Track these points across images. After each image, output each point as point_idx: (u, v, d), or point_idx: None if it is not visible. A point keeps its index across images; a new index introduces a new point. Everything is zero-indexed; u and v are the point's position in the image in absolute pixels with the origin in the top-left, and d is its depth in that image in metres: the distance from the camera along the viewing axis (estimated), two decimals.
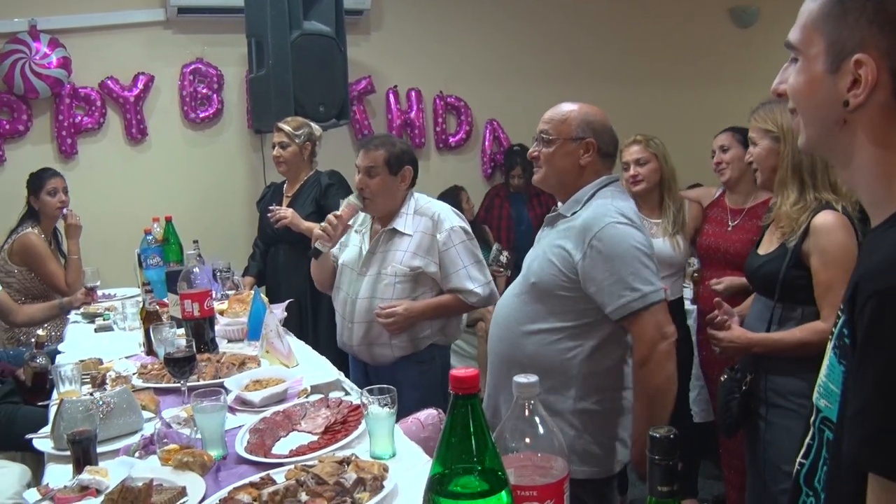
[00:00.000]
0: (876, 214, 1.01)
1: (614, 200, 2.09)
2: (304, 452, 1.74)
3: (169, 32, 4.54)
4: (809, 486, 1.08)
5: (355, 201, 2.73)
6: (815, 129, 1.03)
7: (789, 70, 1.06)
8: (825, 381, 1.04)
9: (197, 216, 4.32)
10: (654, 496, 0.87)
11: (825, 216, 2.07)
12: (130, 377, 2.28)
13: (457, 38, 5.35)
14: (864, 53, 0.94)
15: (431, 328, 2.78)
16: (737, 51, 6.22)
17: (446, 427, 0.93)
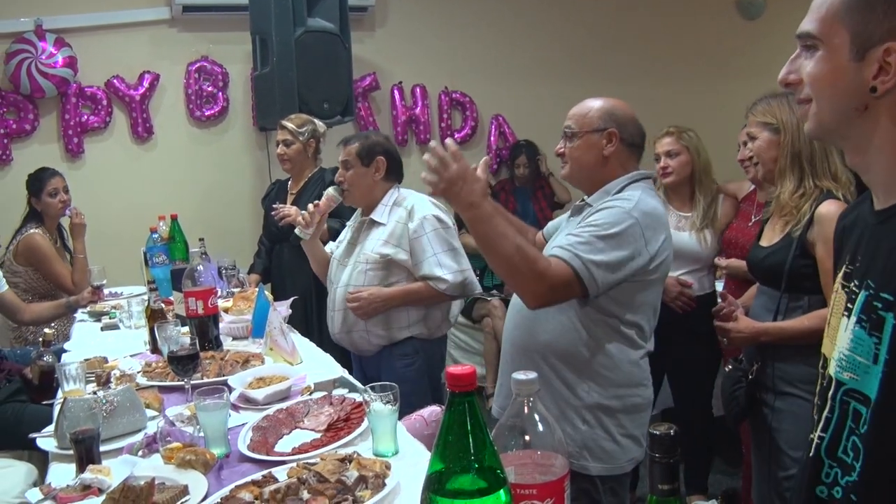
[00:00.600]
0: (888, 194, 1.07)
1: (643, 199, 2.03)
2: (307, 450, 1.74)
3: (174, 31, 4.54)
4: (832, 458, 1.12)
5: (334, 193, 2.90)
6: (832, 115, 1.08)
7: (799, 60, 1.10)
8: (849, 355, 1.08)
9: (202, 214, 4.32)
10: (654, 495, 0.86)
11: (829, 205, 2.07)
12: (135, 375, 2.28)
13: (461, 33, 5.34)
14: (895, 42, 1.00)
15: (409, 319, 2.83)
16: (744, 43, 6.18)
17: (444, 425, 0.92)
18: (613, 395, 2.06)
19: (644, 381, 2.12)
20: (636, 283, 2.01)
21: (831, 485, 1.13)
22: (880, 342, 1.02)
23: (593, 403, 2.06)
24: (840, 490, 1.11)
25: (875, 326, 1.03)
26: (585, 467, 2.05)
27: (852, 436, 1.09)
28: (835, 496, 1.12)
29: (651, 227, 1.99)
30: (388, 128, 5.17)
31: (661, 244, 2.01)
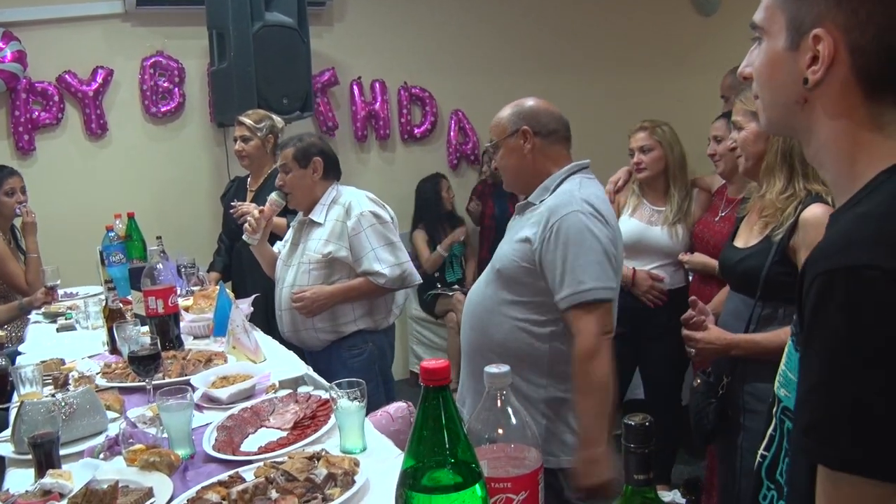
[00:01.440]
0: (838, 195, 0.99)
1: (581, 188, 2.06)
2: (273, 449, 1.72)
3: (127, 25, 4.43)
4: (771, 480, 1.06)
5: (277, 198, 2.95)
6: (775, 109, 1.01)
7: (755, 52, 1.03)
8: (784, 370, 1.03)
9: (160, 212, 4.24)
10: (630, 484, 0.86)
11: (815, 209, 1.91)
12: (94, 377, 2.23)
13: (421, 27, 5.32)
14: (822, 28, 0.91)
15: (354, 314, 2.89)
16: (700, 39, 6.27)
17: (417, 420, 0.92)
18: (570, 388, 2.05)
19: None
20: None
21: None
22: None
23: (551, 397, 2.07)
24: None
25: (798, 340, 0.95)
26: (547, 460, 2.05)
27: (787, 456, 1.02)
28: None
29: (602, 209, 2.05)
30: (348, 123, 5.14)
31: (614, 223, 2.08)
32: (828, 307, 0.82)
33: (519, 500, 1.01)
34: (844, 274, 0.81)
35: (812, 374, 0.84)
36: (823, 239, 0.90)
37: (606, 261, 1.99)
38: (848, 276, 0.81)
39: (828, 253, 0.86)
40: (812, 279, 0.85)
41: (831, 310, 0.81)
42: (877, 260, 0.80)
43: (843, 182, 0.96)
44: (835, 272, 0.82)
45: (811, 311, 0.84)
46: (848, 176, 0.95)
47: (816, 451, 0.83)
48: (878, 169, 0.91)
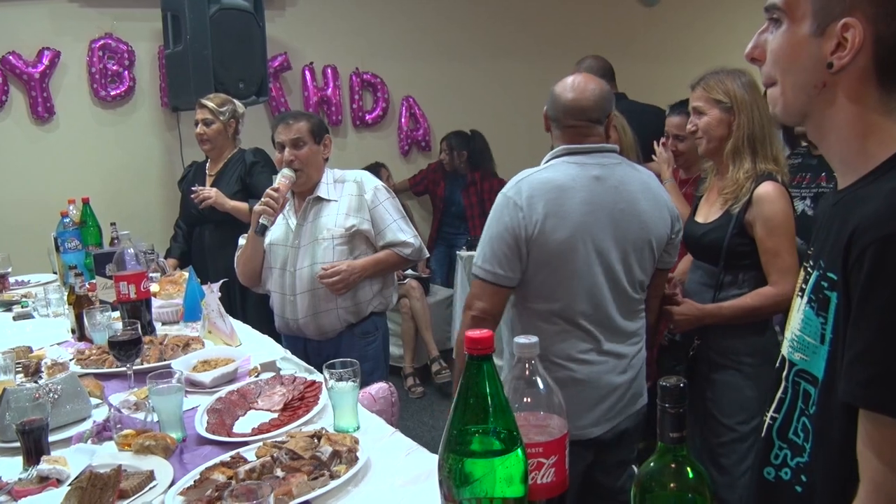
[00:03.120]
0: (846, 173, 1.06)
1: (543, 170, 2.08)
2: (267, 430, 1.72)
3: (75, 6, 4.29)
4: (783, 440, 1.12)
5: (290, 173, 2.77)
6: (795, 92, 1.06)
7: (765, 35, 1.08)
8: (800, 335, 1.08)
9: (111, 197, 4.14)
10: (665, 442, 0.91)
11: (767, 186, 2.13)
12: (68, 364, 2.18)
13: (373, 14, 5.31)
14: (853, 17, 0.97)
15: (372, 291, 2.86)
16: (643, 28, 6.42)
17: (462, 388, 0.95)
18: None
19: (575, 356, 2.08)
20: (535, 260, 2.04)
21: (779, 466, 1.14)
22: (826, 322, 1.03)
23: None
24: (789, 472, 1.12)
25: (822, 306, 1.03)
26: None
27: (802, 417, 1.09)
28: (783, 478, 1.13)
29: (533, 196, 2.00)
30: (300, 108, 5.09)
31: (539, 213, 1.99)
32: (885, 270, 0.89)
33: (549, 464, 1.05)
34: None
35: (871, 332, 0.91)
36: (863, 212, 0.96)
37: (491, 244, 2.05)
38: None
39: (878, 222, 0.92)
40: (864, 247, 0.92)
41: (888, 272, 0.89)
42: None
43: (853, 160, 1.04)
44: (890, 238, 0.89)
45: (868, 275, 0.91)
46: (859, 155, 1.02)
47: (880, 401, 0.90)
48: (889, 149, 0.99)
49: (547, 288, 2.05)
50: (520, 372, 1.06)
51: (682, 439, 0.92)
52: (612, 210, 2.05)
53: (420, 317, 4.87)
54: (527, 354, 1.06)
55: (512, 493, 0.96)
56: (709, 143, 2.28)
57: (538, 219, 1.99)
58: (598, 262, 2.04)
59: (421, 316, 4.87)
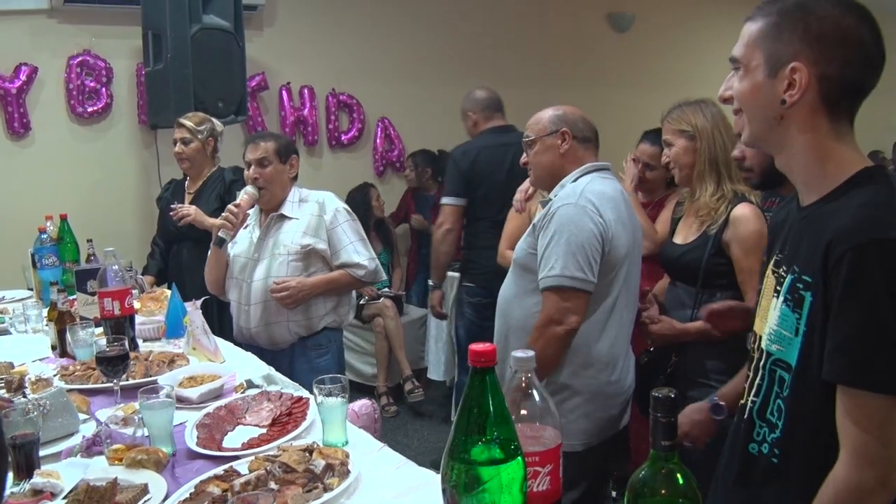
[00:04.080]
0: (809, 192, 1.28)
1: (591, 183, 2.21)
2: (257, 445, 1.75)
3: (54, 22, 4.29)
4: (762, 419, 1.32)
5: (252, 190, 2.91)
6: (757, 124, 1.28)
7: (733, 79, 1.31)
8: (777, 329, 1.28)
9: (88, 214, 4.10)
10: (657, 449, 0.97)
11: (743, 208, 2.22)
12: (52, 379, 2.18)
13: (350, 35, 5.37)
14: (798, 62, 1.21)
15: (325, 307, 2.97)
16: (614, 53, 6.58)
17: (465, 398, 1.00)
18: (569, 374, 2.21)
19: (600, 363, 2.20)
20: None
21: (761, 442, 1.33)
22: (801, 318, 1.22)
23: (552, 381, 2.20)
24: (767, 446, 1.32)
25: (797, 304, 1.23)
26: None
27: (777, 399, 1.29)
28: (763, 452, 1.32)
29: (601, 205, 2.16)
30: (277, 128, 5.13)
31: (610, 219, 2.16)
32: (862, 271, 1.11)
33: (545, 473, 1.10)
34: (874, 245, 1.11)
35: (850, 325, 1.12)
36: (838, 223, 1.16)
37: (581, 252, 2.11)
38: (878, 246, 1.11)
39: (851, 233, 1.13)
40: (841, 254, 1.12)
41: (867, 273, 1.09)
42: (894, 234, 1.11)
43: (814, 181, 1.27)
44: (865, 244, 1.11)
45: (847, 276, 1.12)
46: (819, 176, 1.25)
47: (860, 379, 1.12)
48: (846, 170, 1.23)
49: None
50: (517, 384, 1.11)
51: (673, 447, 0.97)
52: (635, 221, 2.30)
53: (394, 336, 4.90)
54: (523, 368, 1.11)
55: (512, 500, 1.01)
56: (681, 172, 2.40)
57: (611, 224, 2.16)
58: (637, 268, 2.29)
59: (394, 335, 4.90)
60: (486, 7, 5.91)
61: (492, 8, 5.93)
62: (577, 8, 6.38)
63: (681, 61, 6.77)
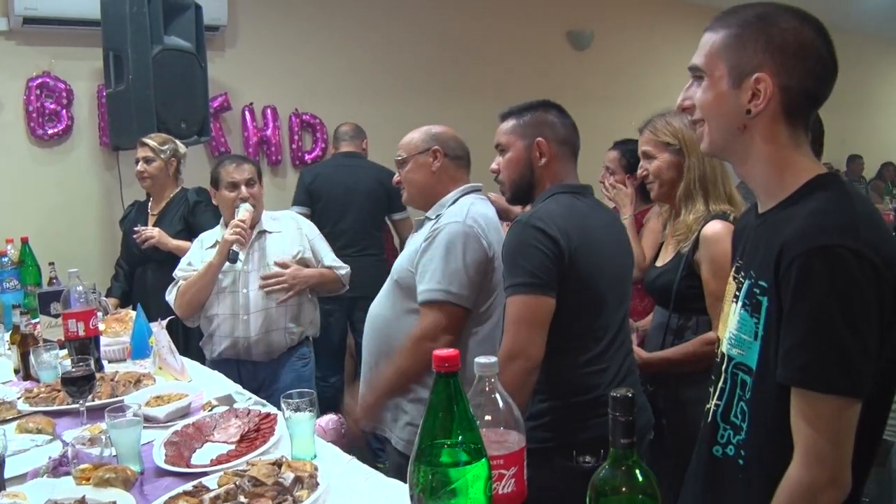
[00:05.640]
0: (767, 199, 1.31)
1: (473, 205, 2.26)
2: (226, 461, 1.76)
3: (12, 44, 4.24)
4: (726, 422, 1.35)
5: (250, 207, 3.02)
6: (720, 133, 1.31)
7: (692, 89, 1.33)
8: (736, 334, 1.30)
9: (50, 237, 4.06)
10: (616, 447, 1.01)
11: (714, 225, 2.06)
12: (16, 402, 2.17)
13: (312, 55, 5.39)
14: (762, 73, 1.23)
15: (313, 314, 3.16)
16: (574, 71, 6.70)
17: (431, 402, 1.03)
18: None
19: None
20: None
21: (725, 444, 1.35)
22: (759, 322, 1.25)
23: None
24: (732, 448, 1.34)
25: (755, 309, 1.25)
26: None
27: (740, 402, 1.31)
28: (728, 454, 1.34)
29: (486, 227, 2.20)
30: (240, 148, 5.12)
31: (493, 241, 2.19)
32: (811, 276, 1.12)
33: (509, 475, 1.13)
34: (821, 252, 1.13)
35: (800, 328, 1.14)
36: (790, 230, 1.19)
37: (464, 270, 2.12)
38: (825, 253, 1.13)
39: (801, 239, 1.15)
40: (791, 259, 1.15)
41: (815, 278, 1.12)
42: (842, 241, 1.13)
43: (773, 189, 1.28)
44: (813, 251, 1.13)
45: (796, 282, 1.14)
46: (778, 184, 1.27)
47: (810, 381, 1.15)
48: (801, 178, 1.26)
49: None
50: (481, 389, 1.14)
51: (632, 444, 1.01)
52: None
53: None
54: (487, 373, 1.14)
55: (478, 502, 1.04)
56: (661, 188, 2.25)
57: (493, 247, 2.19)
58: None
59: None
60: (447, 26, 5.98)
61: (453, 27, 6.01)
62: (537, 26, 6.48)
63: (640, 77, 6.91)
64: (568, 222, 1.91)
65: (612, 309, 1.98)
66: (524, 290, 1.86)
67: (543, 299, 1.85)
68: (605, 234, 2.02)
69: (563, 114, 2.12)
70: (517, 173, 2.07)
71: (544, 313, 1.86)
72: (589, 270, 1.91)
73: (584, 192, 2.07)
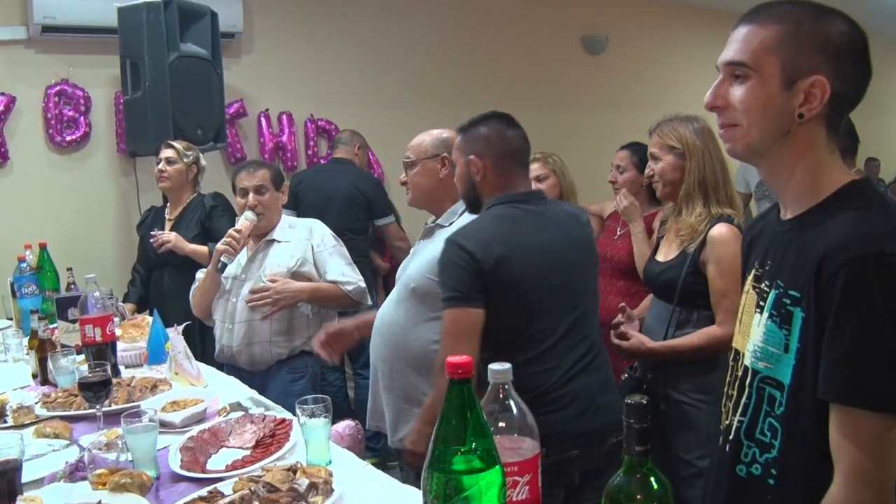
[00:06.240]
0: (796, 205, 1.24)
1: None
2: (241, 466, 1.76)
3: (31, 52, 4.29)
4: (751, 439, 1.27)
5: (252, 216, 2.98)
6: (761, 137, 1.21)
7: (724, 86, 1.23)
8: (762, 346, 1.23)
9: (68, 243, 4.10)
10: (630, 455, 1.00)
11: (720, 228, 2.22)
12: (34, 407, 2.19)
13: (327, 61, 5.41)
14: (819, 76, 1.16)
15: (308, 330, 2.96)
16: (588, 75, 6.69)
17: (444, 409, 1.02)
18: None
19: None
20: None
21: (750, 463, 1.27)
22: (790, 333, 1.18)
23: None
24: (759, 467, 1.26)
25: (785, 320, 1.19)
26: None
27: (768, 418, 1.23)
28: (753, 473, 1.27)
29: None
30: (256, 154, 5.14)
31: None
32: (861, 285, 1.07)
33: (524, 482, 1.13)
34: (872, 259, 1.07)
35: (847, 340, 1.08)
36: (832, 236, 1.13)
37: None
38: (876, 260, 1.07)
39: (846, 247, 1.10)
40: (837, 268, 1.09)
41: (865, 287, 1.06)
42: (893, 247, 1.08)
43: (804, 194, 1.22)
44: (863, 258, 1.08)
45: (843, 291, 1.08)
46: (810, 190, 1.21)
47: (856, 398, 1.08)
48: (833, 184, 1.20)
49: None
50: (494, 396, 1.14)
51: (646, 452, 1.00)
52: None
53: None
54: (500, 379, 1.14)
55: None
56: (664, 188, 2.41)
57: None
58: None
59: None
60: (462, 31, 5.99)
61: (468, 32, 6.01)
62: (552, 31, 6.48)
63: (654, 83, 6.88)
64: (492, 234, 2.00)
65: (555, 311, 2.02)
66: (449, 304, 1.97)
67: (467, 311, 1.95)
68: (544, 238, 2.05)
69: (508, 125, 2.16)
70: (463, 189, 2.18)
71: (470, 324, 1.96)
72: (516, 277, 1.98)
73: (528, 199, 2.10)
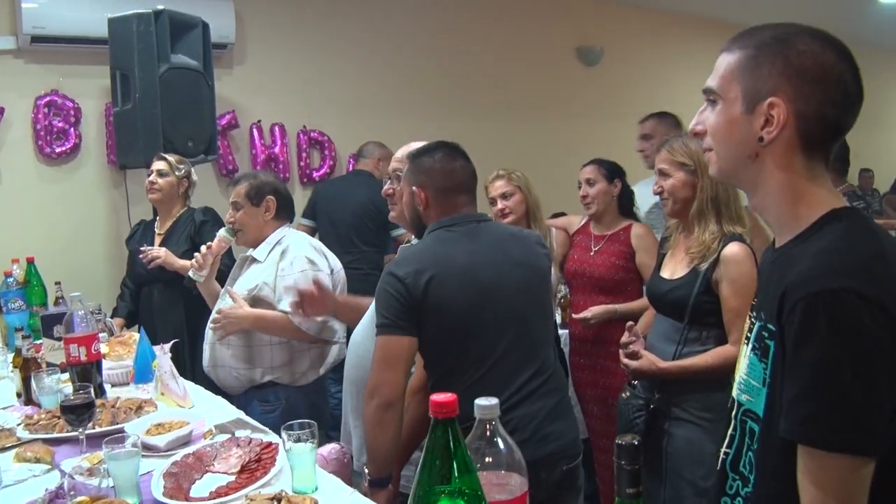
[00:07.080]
0: (782, 233, 1.21)
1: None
2: (225, 493, 1.72)
3: (20, 62, 4.26)
4: (735, 472, 1.26)
5: (226, 234, 2.97)
6: (729, 161, 1.22)
7: (706, 113, 1.24)
8: (746, 378, 1.22)
9: (56, 256, 4.06)
10: (621, 497, 0.97)
11: (734, 247, 2.20)
12: (15, 429, 2.14)
13: (320, 72, 5.40)
14: (777, 97, 1.14)
15: (271, 361, 2.81)
16: (583, 87, 6.69)
17: (427, 449, 0.99)
18: None
19: None
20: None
21: (734, 496, 1.26)
22: (767, 367, 1.16)
23: None
24: (741, 500, 1.25)
25: (763, 353, 1.17)
26: None
27: (749, 451, 1.23)
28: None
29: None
30: (248, 166, 5.11)
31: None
32: (814, 323, 1.03)
33: None
34: (827, 296, 1.03)
35: (803, 377, 1.05)
36: (795, 270, 1.10)
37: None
38: (830, 297, 1.03)
39: (805, 281, 1.06)
40: (794, 303, 1.06)
41: (819, 325, 1.03)
42: (850, 284, 1.03)
43: (786, 222, 1.19)
44: (817, 295, 1.04)
45: (799, 327, 1.05)
46: (791, 217, 1.18)
47: (814, 437, 1.05)
48: (816, 212, 1.16)
49: None
50: (481, 432, 1.11)
51: (638, 494, 0.97)
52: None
53: None
54: (487, 415, 1.11)
55: None
56: (675, 205, 2.37)
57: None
58: None
59: None
60: (456, 42, 5.98)
61: (462, 43, 6.00)
62: (547, 43, 6.48)
63: (649, 94, 6.86)
64: (422, 259, 2.02)
65: (491, 331, 2.01)
66: (379, 332, 1.99)
67: (396, 338, 1.97)
68: (475, 259, 2.04)
69: (453, 157, 2.14)
70: (409, 216, 2.21)
71: (398, 352, 1.97)
72: (447, 299, 1.98)
73: (463, 222, 2.10)
